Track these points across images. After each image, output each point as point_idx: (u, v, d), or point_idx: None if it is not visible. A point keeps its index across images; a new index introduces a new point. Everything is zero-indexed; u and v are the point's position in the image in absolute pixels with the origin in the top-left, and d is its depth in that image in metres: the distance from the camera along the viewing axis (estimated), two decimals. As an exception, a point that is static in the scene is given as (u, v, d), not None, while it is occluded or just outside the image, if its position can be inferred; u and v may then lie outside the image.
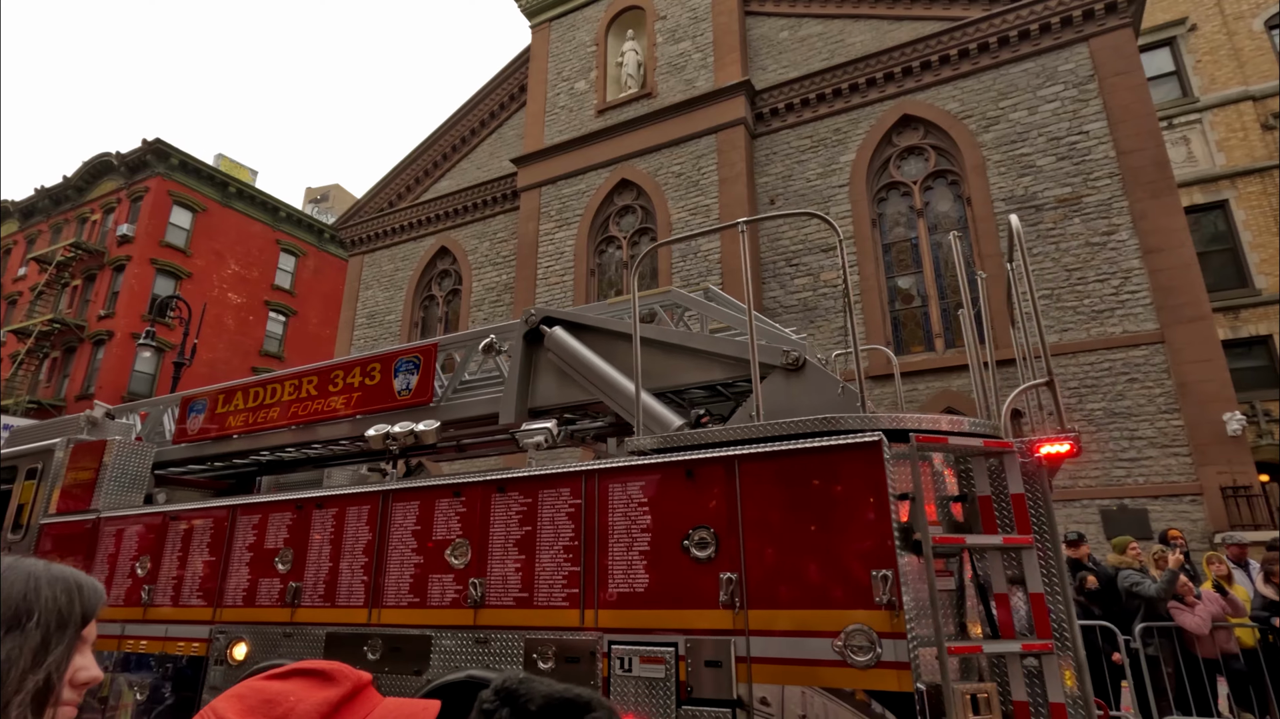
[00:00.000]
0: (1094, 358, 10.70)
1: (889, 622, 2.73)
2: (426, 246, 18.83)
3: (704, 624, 3.09)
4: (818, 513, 3.01)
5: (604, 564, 3.42)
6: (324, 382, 5.53)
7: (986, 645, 2.87)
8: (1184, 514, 9.72)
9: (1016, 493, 3.05)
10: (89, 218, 27.43)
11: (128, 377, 23.69)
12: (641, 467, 3.47)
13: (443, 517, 4.02)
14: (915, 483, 2.88)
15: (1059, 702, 2.77)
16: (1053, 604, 2.94)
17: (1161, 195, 10.82)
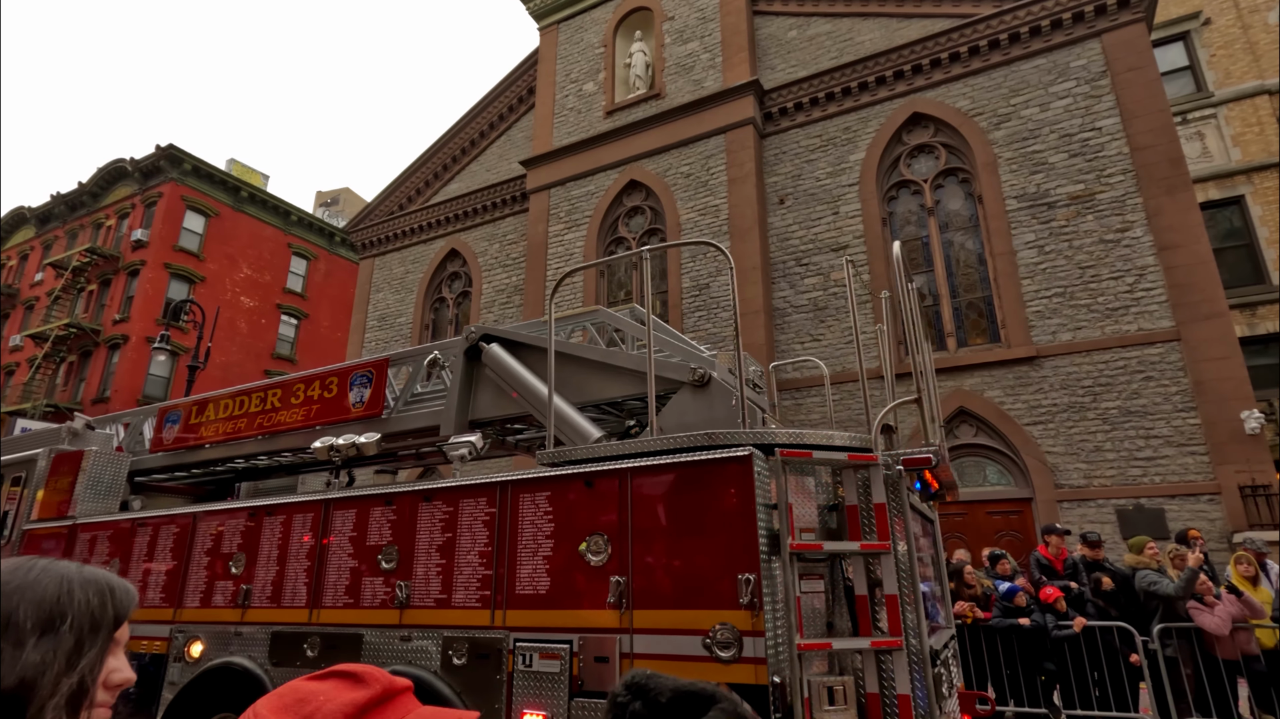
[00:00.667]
0: (1108, 356, 10.60)
1: (750, 620, 3.00)
2: (436, 249, 18.92)
3: (595, 623, 3.38)
4: (695, 521, 3.28)
5: (513, 568, 3.71)
6: (287, 394, 5.90)
7: (836, 643, 3.10)
8: (1201, 514, 9.61)
9: (879, 502, 3.27)
10: (104, 223, 27.74)
11: (143, 380, 23.93)
12: (548, 478, 3.74)
13: (376, 524, 4.33)
14: (780, 493, 3.13)
15: (905, 693, 3.02)
16: (918, 604, 3.19)
17: (1176, 191, 10.71)
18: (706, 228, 14.11)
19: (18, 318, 29.31)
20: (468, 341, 5.02)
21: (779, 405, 12.68)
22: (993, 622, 6.67)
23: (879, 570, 3.21)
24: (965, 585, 6.95)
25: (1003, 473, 11.19)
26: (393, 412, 5.28)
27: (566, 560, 3.56)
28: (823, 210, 13.50)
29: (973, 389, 11.41)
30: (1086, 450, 10.43)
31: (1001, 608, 6.70)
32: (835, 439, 3.48)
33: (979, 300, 12.12)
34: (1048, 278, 11.31)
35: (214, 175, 27.04)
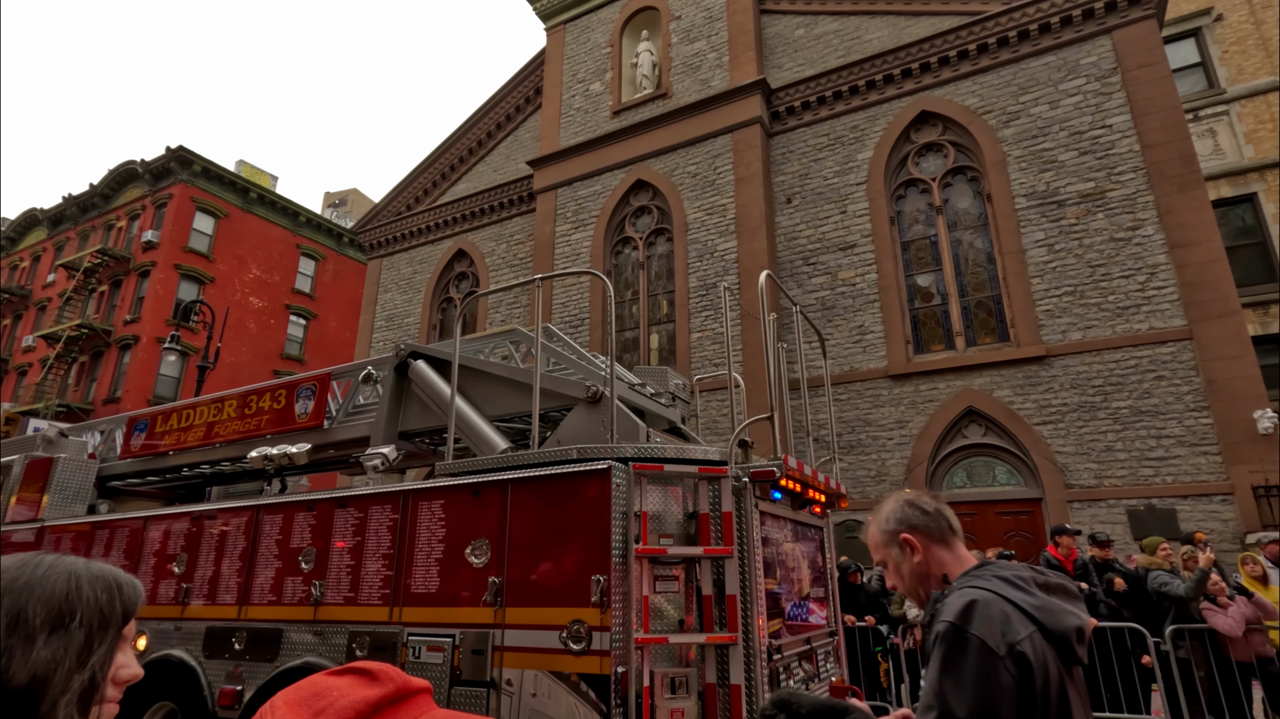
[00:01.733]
0: (1119, 355, 10.52)
1: (599, 617, 3.32)
2: (444, 249, 18.97)
3: (474, 619, 3.74)
4: (561, 527, 3.62)
5: (409, 569, 4.08)
6: (241, 405, 6.39)
7: (672, 637, 3.40)
8: (1214, 514, 9.52)
9: (727, 511, 3.60)
10: (115, 224, 27.96)
11: (153, 380, 24.11)
12: (442, 488, 4.11)
13: (299, 528, 4.72)
14: (627, 502, 3.49)
15: (738, 683, 3.34)
16: (753, 603, 3.49)
17: (1188, 189, 10.61)
18: (714, 227, 14.09)
19: (30, 319, 29.59)
20: (397, 358, 5.36)
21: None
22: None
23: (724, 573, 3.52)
24: (974, 586, 6.91)
25: (1012, 473, 11.12)
26: (334, 422, 5.68)
27: (454, 563, 3.93)
28: (830, 209, 13.46)
29: (982, 389, 11.35)
30: (1097, 450, 10.35)
31: (1011, 609, 6.66)
32: (692, 453, 3.86)
33: (988, 299, 12.05)
34: (1058, 276, 11.23)
35: (223, 176, 27.21)
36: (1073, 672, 1.46)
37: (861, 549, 11.18)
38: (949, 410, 11.49)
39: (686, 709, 3.30)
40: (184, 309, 16.74)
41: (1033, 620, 1.42)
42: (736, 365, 12.97)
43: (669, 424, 5.74)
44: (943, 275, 12.49)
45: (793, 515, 4.31)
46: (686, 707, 3.31)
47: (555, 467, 3.80)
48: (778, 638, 3.71)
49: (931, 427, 11.54)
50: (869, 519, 1.85)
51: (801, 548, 4.40)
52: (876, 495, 11.70)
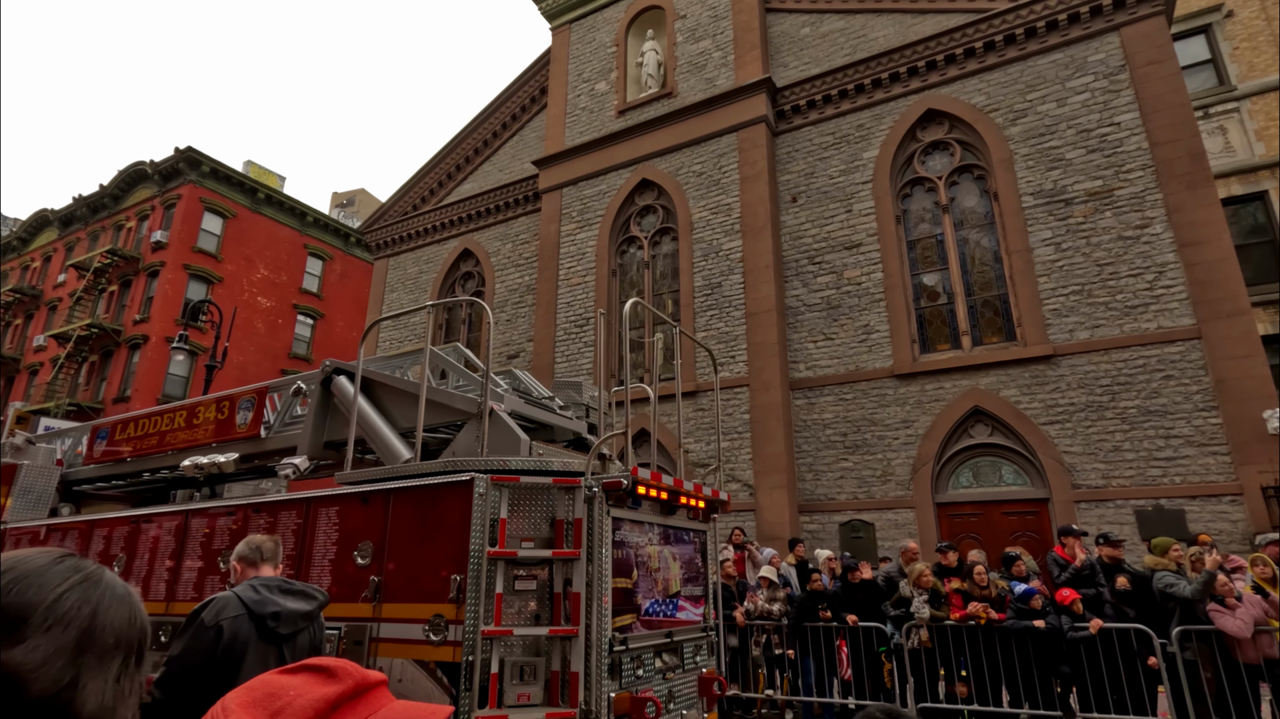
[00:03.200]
0: (1127, 354, 10.44)
1: (455, 612, 3.71)
2: (450, 249, 19.02)
3: (357, 614, 4.15)
4: (431, 532, 4.02)
5: (308, 569, 4.52)
6: (190, 415, 6.87)
7: (517, 630, 3.76)
8: (1223, 514, 9.44)
9: (578, 518, 3.97)
10: (125, 225, 28.16)
11: (162, 379, 24.28)
12: (338, 495, 4.56)
13: (220, 531, 5.18)
14: (484, 511, 3.86)
15: (577, 671, 3.72)
16: (592, 602, 3.83)
17: (1197, 187, 10.52)
18: (719, 226, 14.06)
19: (41, 318, 29.84)
20: (323, 374, 5.81)
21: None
22: (1007, 623, 6.60)
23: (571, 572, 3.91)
24: (978, 587, 6.87)
25: (1019, 473, 11.06)
26: (271, 432, 6.11)
27: (343, 563, 4.37)
28: (836, 208, 13.41)
29: (988, 388, 11.29)
30: (1105, 450, 10.28)
31: (1016, 609, 6.62)
32: (549, 465, 4.25)
33: (994, 299, 11.99)
34: (1065, 275, 11.16)
35: (231, 177, 27.36)
36: (284, 642, 2.68)
37: (864, 549, 11.14)
38: (955, 410, 11.43)
39: (532, 694, 3.71)
40: (192, 309, 16.85)
41: (245, 607, 2.60)
42: (742, 366, 12.94)
43: (574, 435, 6.01)
44: (949, 274, 12.42)
45: (663, 520, 4.65)
46: (532, 692, 3.72)
47: (427, 478, 4.22)
48: (627, 631, 4.06)
49: (937, 426, 11.49)
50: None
51: (675, 550, 4.77)
52: (883, 495, 11.66)
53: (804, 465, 12.45)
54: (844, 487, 12.04)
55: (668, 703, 4.31)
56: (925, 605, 6.98)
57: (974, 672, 6.70)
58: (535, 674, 3.73)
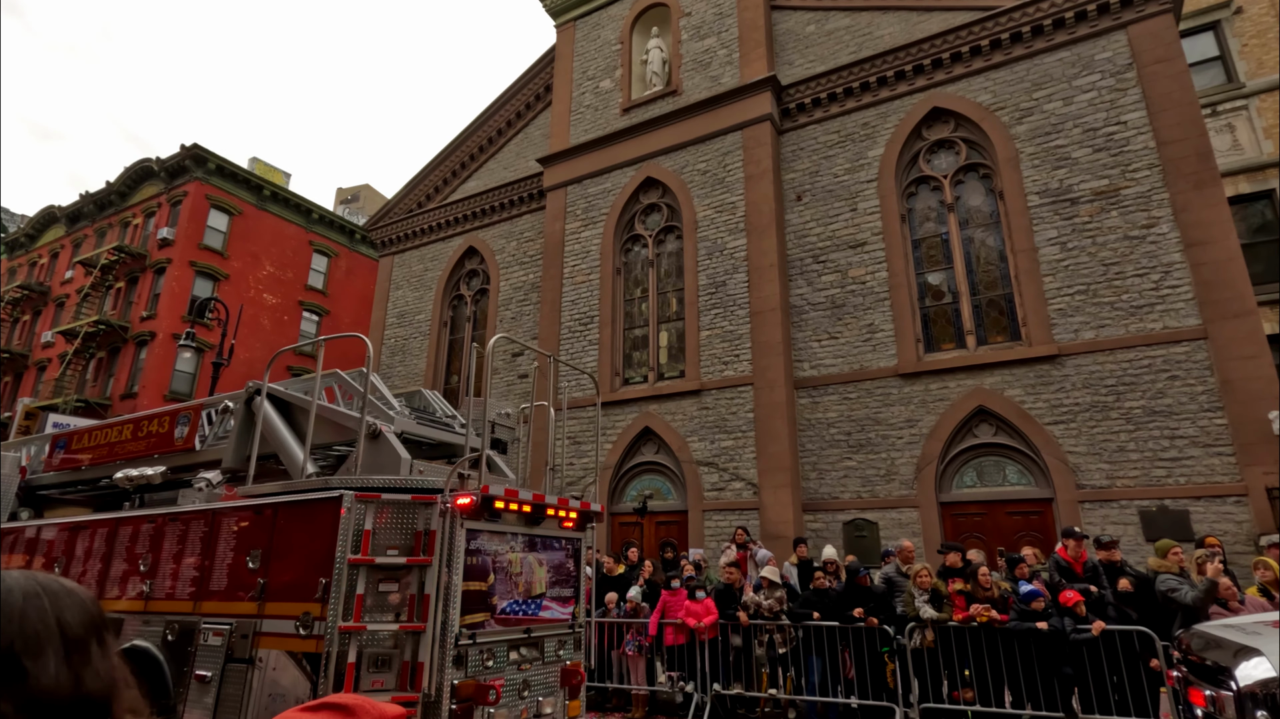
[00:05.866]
0: (1132, 355, 10.42)
1: (320, 610, 4.32)
2: (455, 247, 19.05)
3: (245, 611, 4.78)
4: (307, 540, 4.62)
5: (209, 571, 5.15)
6: (135, 429, 7.46)
7: (370, 625, 4.33)
8: (1228, 516, 9.42)
9: (433, 529, 4.57)
10: (131, 222, 28.28)
11: (170, 376, 24.42)
12: (238, 507, 5.17)
13: (143, 537, 5.76)
14: (349, 524, 4.43)
15: (423, 661, 4.31)
16: (440, 601, 4.42)
17: (1204, 186, 10.47)
18: (723, 224, 14.06)
19: (49, 315, 30.02)
20: (246, 394, 6.35)
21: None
22: (1010, 624, 6.61)
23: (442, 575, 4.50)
24: (981, 588, 6.89)
25: (1023, 473, 11.06)
26: (205, 445, 6.67)
27: (238, 567, 4.96)
28: (840, 207, 13.39)
29: (993, 388, 11.28)
30: (1109, 451, 10.27)
31: (1019, 611, 6.64)
32: (411, 484, 4.87)
33: (999, 298, 11.96)
34: (1070, 275, 11.13)
35: (237, 174, 27.44)
36: None
37: (868, 549, 11.16)
38: (959, 409, 11.43)
39: (386, 681, 4.31)
40: (199, 306, 16.93)
41: None
42: (746, 365, 12.96)
43: (474, 452, 6.41)
44: (954, 273, 12.40)
45: (528, 530, 5.24)
46: (386, 679, 4.31)
47: (307, 493, 4.82)
48: (478, 628, 4.64)
49: (942, 426, 11.48)
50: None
51: (541, 556, 5.38)
52: (886, 494, 11.67)
53: (808, 464, 12.47)
54: (848, 486, 12.05)
55: (522, 691, 4.90)
56: (927, 606, 7.00)
57: (977, 672, 6.72)
58: (390, 664, 4.32)
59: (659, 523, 13.40)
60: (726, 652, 7.92)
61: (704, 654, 7.90)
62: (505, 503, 4.83)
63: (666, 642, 8.19)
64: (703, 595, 8.08)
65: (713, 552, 11.88)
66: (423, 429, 6.26)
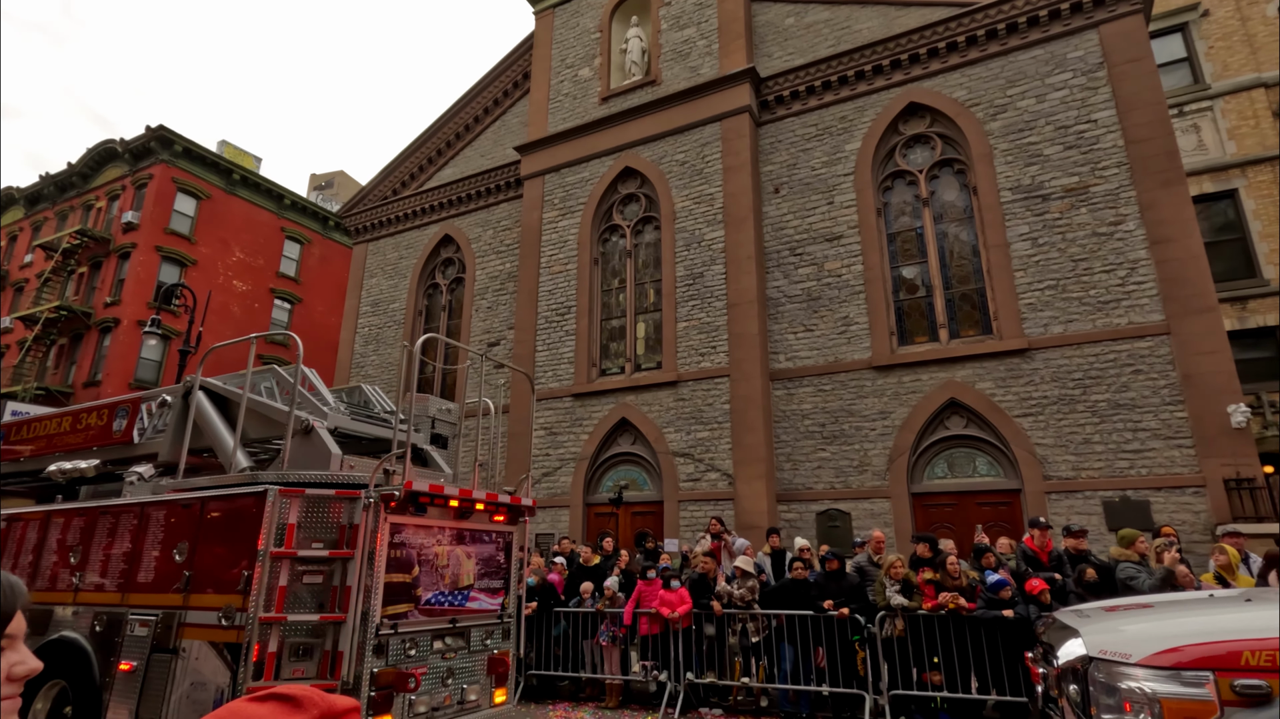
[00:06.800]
0: (1099, 349, 10.66)
1: (242, 601, 4.42)
2: (430, 234, 18.82)
3: (171, 603, 4.89)
4: (232, 534, 4.73)
5: (137, 564, 5.22)
6: (74, 421, 7.50)
7: (291, 616, 4.44)
8: (1187, 506, 9.71)
9: (356, 524, 4.69)
10: (94, 205, 27.45)
11: (135, 364, 23.82)
12: (167, 500, 5.27)
13: (74, 530, 5.88)
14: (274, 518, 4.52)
15: (343, 650, 4.41)
16: (360, 593, 4.56)
17: (1171, 185, 10.71)
18: (701, 216, 14.06)
19: (7, 300, 29.07)
20: (184, 388, 6.43)
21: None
22: (977, 612, 6.75)
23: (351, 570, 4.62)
24: (950, 577, 7.02)
25: (992, 464, 11.27)
26: (144, 438, 6.70)
27: (165, 559, 5.06)
28: (818, 200, 13.46)
29: (964, 380, 11.46)
30: (1075, 443, 10.51)
31: (986, 599, 6.78)
32: (335, 479, 4.99)
33: (972, 292, 12.14)
34: (1041, 270, 11.33)
35: (205, 157, 26.76)
36: None
37: (841, 539, 11.31)
38: (931, 402, 11.60)
39: (306, 669, 4.43)
40: (165, 292, 16.51)
41: None
42: (723, 357, 13.01)
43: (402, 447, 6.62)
44: (928, 267, 12.55)
45: (456, 524, 5.38)
46: (306, 668, 4.44)
47: (232, 488, 4.94)
48: (399, 619, 4.78)
49: (914, 418, 11.65)
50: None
51: (470, 549, 5.53)
52: (859, 485, 11.82)
53: (782, 455, 12.57)
54: (821, 476, 12.19)
55: (445, 678, 5.07)
56: (898, 595, 7.12)
57: (945, 659, 6.85)
58: (312, 654, 4.47)
59: (635, 513, 13.43)
60: (700, 641, 7.98)
61: (678, 644, 7.95)
62: (431, 498, 4.95)
63: (641, 631, 8.23)
64: (677, 585, 8.12)
65: (688, 542, 11.94)
66: (357, 425, 6.37)
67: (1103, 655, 3.22)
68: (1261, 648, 2.80)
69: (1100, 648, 3.27)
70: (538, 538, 13.74)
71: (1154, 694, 2.93)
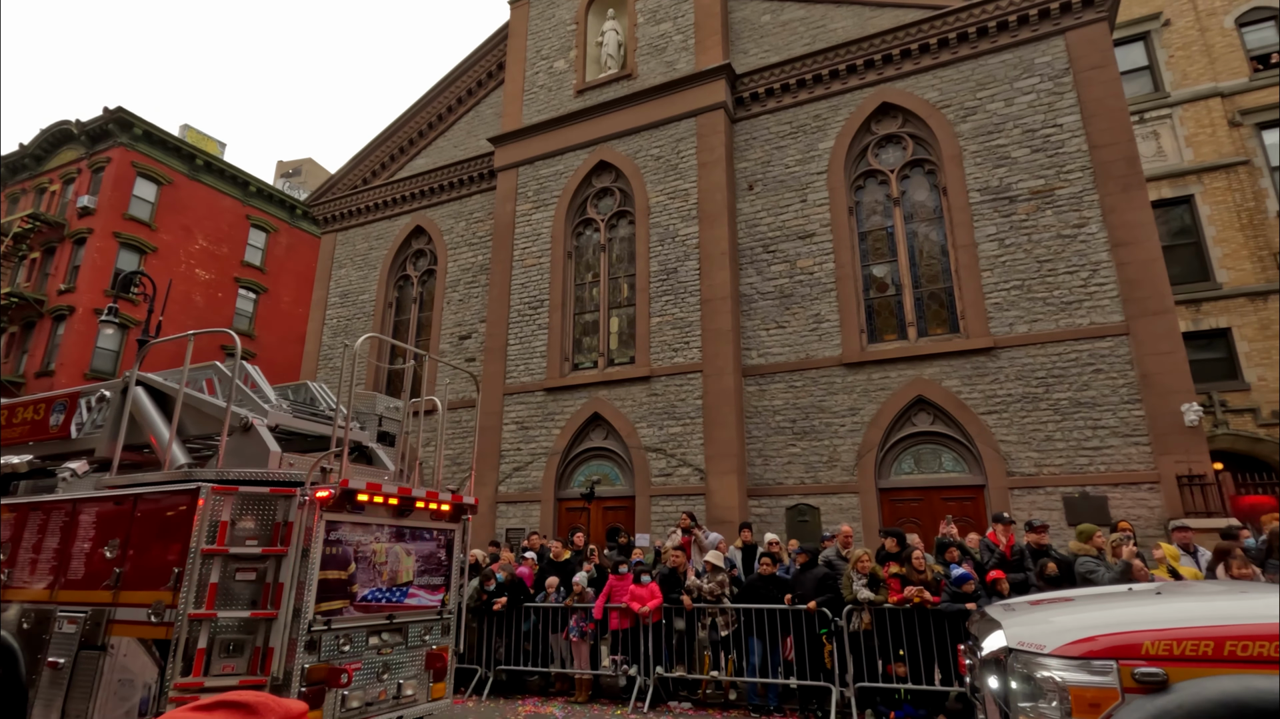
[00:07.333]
0: (1062, 348, 10.92)
1: (172, 598, 4.46)
2: (401, 225, 18.52)
3: (100, 600, 4.87)
4: (164, 530, 4.71)
5: (68, 561, 5.23)
6: (10, 415, 7.42)
7: (221, 613, 4.47)
8: (1142, 501, 10.01)
9: (290, 521, 4.70)
10: (48, 188, 26.47)
11: (90, 353, 23.06)
12: (99, 497, 5.28)
13: (3, 526, 5.84)
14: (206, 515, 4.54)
15: (274, 646, 4.46)
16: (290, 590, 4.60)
17: (1131, 189, 11.00)
18: (675, 211, 14.06)
19: (-45, 285, 27.90)
20: (124, 383, 6.36)
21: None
22: (942, 605, 6.88)
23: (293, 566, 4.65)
24: (916, 571, 7.14)
25: (958, 460, 11.49)
26: (82, 433, 6.65)
27: (95, 556, 5.05)
28: (791, 198, 13.55)
29: (931, 378, 11.65)
30: (1038, 440, 10.76)
31: (951, 593, 6.91)
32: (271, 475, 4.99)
33: (940, 291, 12.34)
34: (1007, 270, 11.56)
35: (167, 141, 25.96)
36: None
37: (810, 533, 11.44)
38: (900, 399, 11.78)
39: (237, 665, 4.46)
40: (123, 279, 15.97)
41: None
42: (696, 352, 13.04)
43: (354, 445, 6.54)
44: (898, 266, 12.72)
45: (395, 522, 5.42)
46: (237, 664, 4.46)
47: (165, 485, 4.93)
48: (333, 615, 4.80)
49: (882, 414, 11.82)
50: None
51: (410, 546, 5.57)
52: (828, 480, 11.97)
53: (754, 451, 12.66)
54: (792, 472, 12.31)
55: (381, 674, 5.12)
56: (865, 589, 7.22)
57: (910, 651, 6.98)
58: (243, 650, 4.50)
59: (606, 508, 13.42)
60: (670, 635, 8.00)
61: (648, 638, 7.96)
62: (370, 495, 4.98)
63: (611, 626, 8.23)
64: (648, 580, 8.13)
65: (660, 537, 11.97)
66: (299, 422, 6.40)
67: (1020, 646, 3.33)
68: (1160, 638, 2.96)
69: (1019, 639, 3.39)
70: (508, 533, 13.66)
71: (1064, 683, 3.06)
